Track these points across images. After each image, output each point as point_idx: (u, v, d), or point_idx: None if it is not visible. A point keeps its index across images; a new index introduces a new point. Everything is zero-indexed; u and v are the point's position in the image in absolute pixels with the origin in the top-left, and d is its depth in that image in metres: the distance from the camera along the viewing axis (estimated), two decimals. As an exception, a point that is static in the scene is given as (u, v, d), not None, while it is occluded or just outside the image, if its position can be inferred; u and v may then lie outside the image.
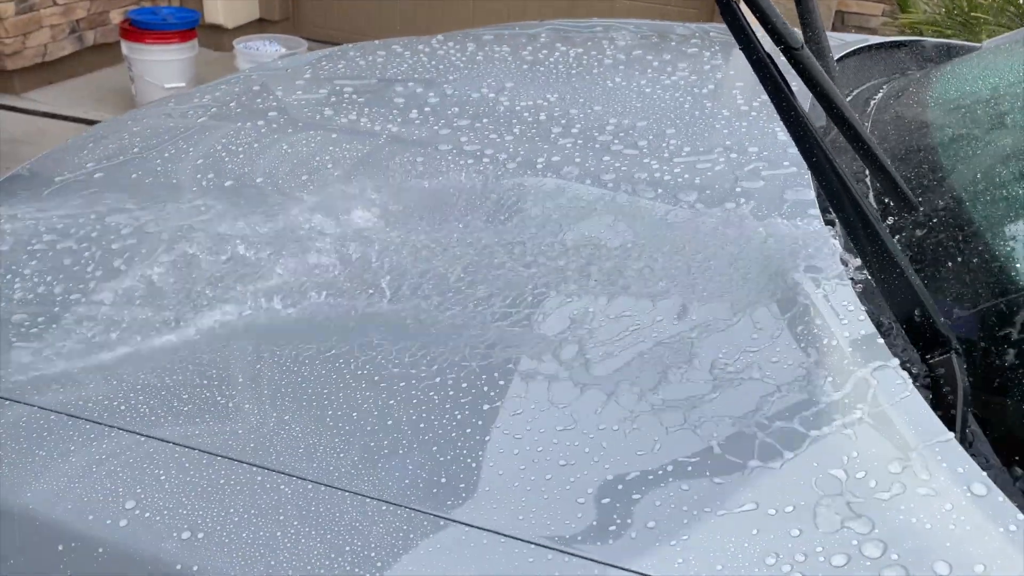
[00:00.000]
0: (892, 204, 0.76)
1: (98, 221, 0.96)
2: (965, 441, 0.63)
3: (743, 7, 0.66)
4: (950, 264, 0.83)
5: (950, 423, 0.64)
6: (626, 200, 0.92)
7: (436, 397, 0.68)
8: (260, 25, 4.89)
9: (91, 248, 0.91)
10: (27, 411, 0.67)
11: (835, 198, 0.69)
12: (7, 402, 0.69)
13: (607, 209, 0.91)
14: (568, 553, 0.55)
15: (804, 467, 0.60)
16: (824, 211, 0.87)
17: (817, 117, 0.95)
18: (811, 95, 0.67)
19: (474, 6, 4.74)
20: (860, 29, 4.36)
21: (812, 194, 0.89)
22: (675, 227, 0.86)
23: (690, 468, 0.60)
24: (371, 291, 0.81)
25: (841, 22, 4.36)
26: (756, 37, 0.67)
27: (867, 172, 0.90)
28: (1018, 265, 0.79)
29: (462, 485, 0.60)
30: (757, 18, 0.66)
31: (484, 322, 0.76)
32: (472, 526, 0.57)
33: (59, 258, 0.90)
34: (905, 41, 1.70)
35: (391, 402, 0.68)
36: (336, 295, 0.81)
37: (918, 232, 0.84)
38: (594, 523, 0.57)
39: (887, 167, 0.67)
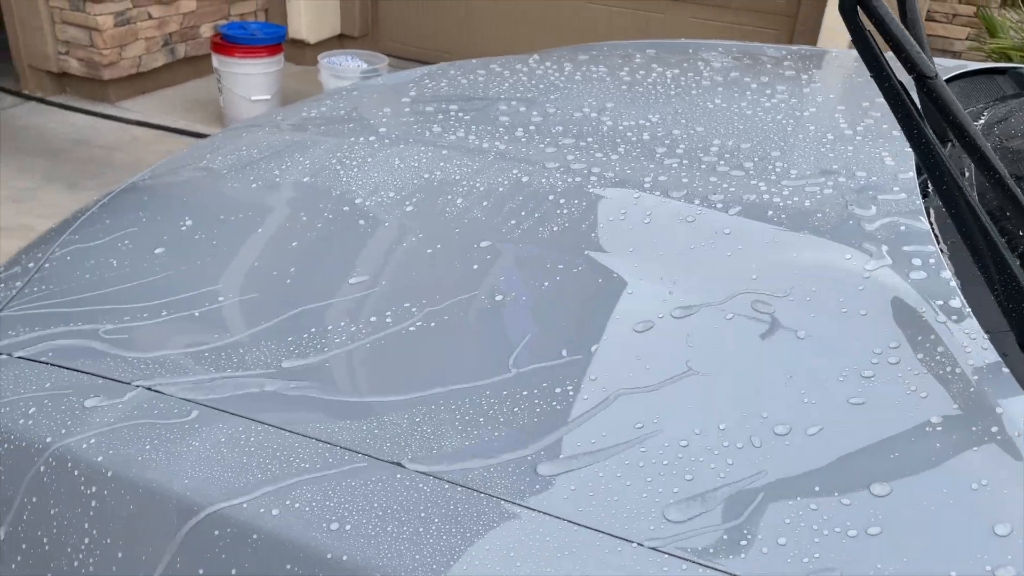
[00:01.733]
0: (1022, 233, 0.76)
1: (223, 227, 1.01)
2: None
3: (876, 36, 0.68)
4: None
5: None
6: (739, 221, 0.93)
7: (559, 405, 0.70)
8: (340, 41, 5.05)
9: (216, 255, 0.97)
10: (188, 407, 0.72)
11: (965, 229, 0.69)
12: (164, 396, 0.74)
13: (719, 229, 0.92)
14: (680, 558, 0.57)
15: (929, 495, 0.60)
16: (939, 239, 0.87)
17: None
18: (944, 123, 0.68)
19: (548, 27, 4.79)
20: (944, 53, 4.27)
21: (926, 221, 0.89)
22: (790, 252, 0.87)
23: (817, 488, 0.61)
24: (473, 303, 0.84)
25: (924, 44, 4.27)
26: (889, 65, 0.68)
27: (996, 201, 0.89)
28: None
29: (588, 491, 0.62)
30: (890, 47, 0.67)
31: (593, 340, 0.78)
32: (601, 532, 0.59)
33: (184, 264, 0.96)
34: (1005, 68, 1.67)
35: (515, 409, 0.70)
36: (445, 303, 0.84)
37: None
38: (715, 532, 0.59)
39: (1020, 198, 0.67)
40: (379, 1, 5.06)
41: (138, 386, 0.75)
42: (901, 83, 0.68)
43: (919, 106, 0.68)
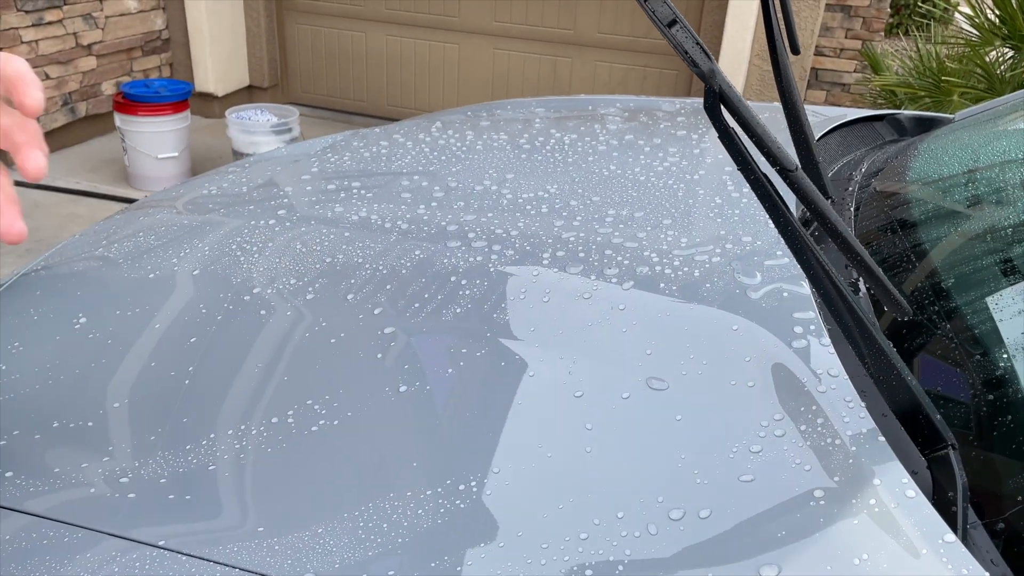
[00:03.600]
0: (886, 310, 0.81)
1: (117, 324, 0.99)
2: (968, 539, 0.66)
3: (740, 133, 0.72)
4: (940, 354, 0.88)
5: (950, 519, 0.68)
6: (633, 295, 0.96)
7: (463, 504, 0.71)
8: (250, 92, 4.99)
9: (108, 356, 0.94)
10: (68, 530, 0.70)
11: (832, 305, 0.73)
12: (40, 520, 0.71)
13: (615, 304, 0.95)
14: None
15: (815, 573, 0.63)
16: (820, 306, 0.91)
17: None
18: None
19: (459, 75, 4.85)
20: (834, 85, 4.51)
21: (807, 287, 0.94)
22: (681, 326, 0.90)
23: (690, 561, 0.63)
24: (377, 396, 0.84)
25: (815, 78, 4.52)
26: (754, 160, 0.72)
27: (860, 279, 0.95)
28: (1005, 354, 0.83)
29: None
30: (754, 143, 0.71)
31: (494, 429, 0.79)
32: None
33: (74, 367, 0.93)
34: (882, 115, 1.78)
35: (419, 512, 0.71)
36: (348, 398, 0.84)
37: (908, 328, 0.89)
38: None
39: (880, 276, 0.72)
40: (288, 52, 5.04)
41: (11, 510, 0.73)
42: (766, 175, 0.72)
43: (782, 196, 0.72)
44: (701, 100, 2.08)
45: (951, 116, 1.81)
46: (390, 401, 0.84)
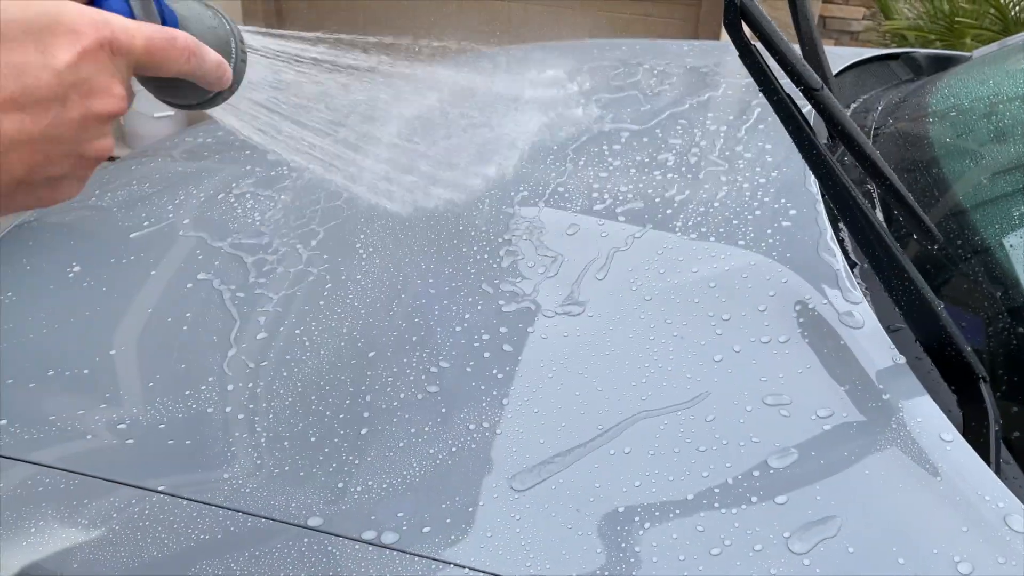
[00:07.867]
0: (916, 238, 0.77)
1: (114, 272, 0.96)
2: (1000, 473, 0.63)
3: (761, 49, 0.67)
4: (967, 287, 0.84)
5: (983, 454, 0.65)
6: (650, 235, 0.93)
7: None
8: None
9: (105, 305, 0.91)
10: (69, 478, 0.67)
11: (861, 235, 0.70)
12: (42, 468, 0.69)
13: (629, 241, 0.91)
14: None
15: (836, 506, 0.60)
16: (841, 241, 0.88)
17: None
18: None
19: (468, 18, 4.75)
20: (842, 33, 4.40)
21: (828, 225, 0.90)
22: (697, 261, 0.87)
23: (716, 503, 0.61)
24: (389, 333, 0.81)
25: (823, 27, 4.40)
26: (776, 78, 0.68)
27: (886, 204, 0.91)
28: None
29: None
30: (776, 60, 0.67)
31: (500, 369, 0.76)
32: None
33: (70, 316, 0.90)
34: (898, 53, 1.72)
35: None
36: (355, 333, 0.81)
37: (936, 258, 0.85)
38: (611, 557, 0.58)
39: (910, 203, 0.68)
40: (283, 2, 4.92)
41: (9, 458, 0.70)
42: (789, 96, 0.68)
43: (808, 119, 0.68)
44: (710, 42, 2.01)
45: (968, 54, 1.75)
46: (398, 341, 0.81)
